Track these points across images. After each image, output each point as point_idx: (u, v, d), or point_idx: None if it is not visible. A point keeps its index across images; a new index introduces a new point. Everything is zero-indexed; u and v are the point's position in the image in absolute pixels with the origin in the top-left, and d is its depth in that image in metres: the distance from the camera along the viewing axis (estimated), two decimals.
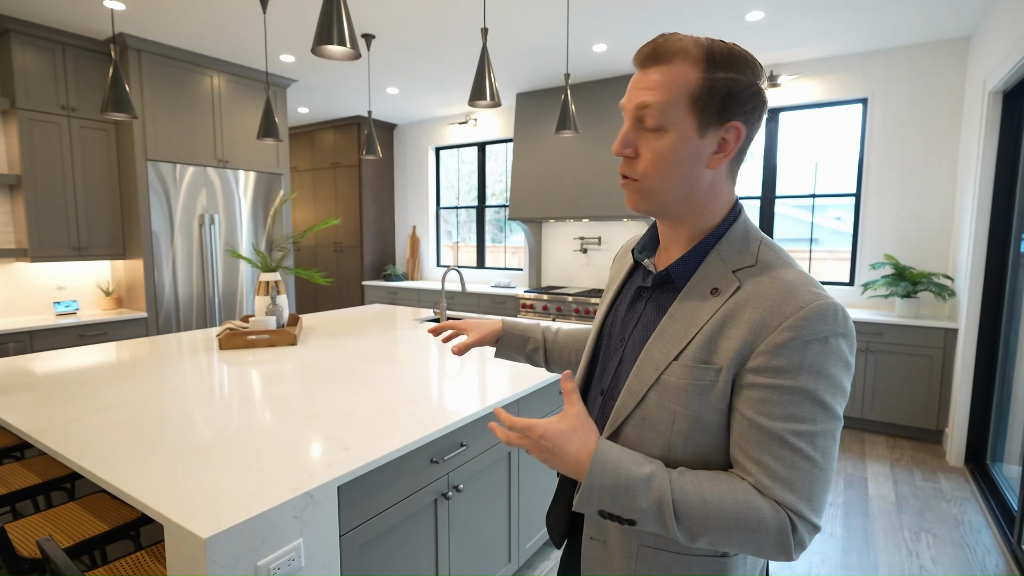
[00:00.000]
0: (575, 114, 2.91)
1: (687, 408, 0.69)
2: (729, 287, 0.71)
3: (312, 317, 3.42)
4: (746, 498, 0.64)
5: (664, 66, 0.69)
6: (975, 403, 3.12)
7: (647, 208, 0.74)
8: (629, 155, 0.72)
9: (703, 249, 0.74)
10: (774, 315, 0.66)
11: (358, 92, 5.12)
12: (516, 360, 1.16)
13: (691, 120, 0.68)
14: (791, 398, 0.64)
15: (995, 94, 2.93)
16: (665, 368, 0.71)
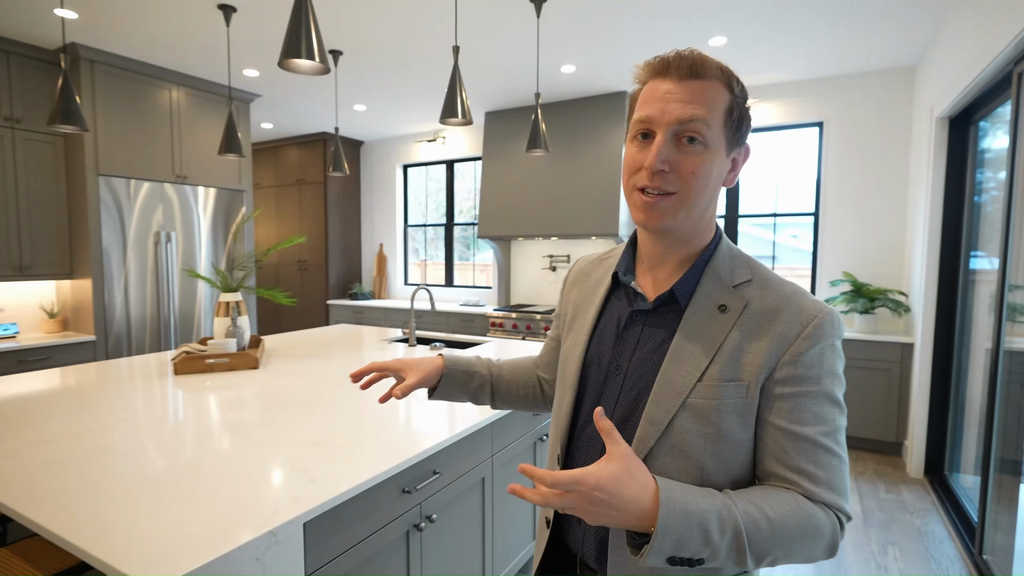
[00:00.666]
0: (545, 133, 2.92)
1: (719, 429, 0.68)
2: (737, 303, 0.71)
3: (275, 339, 3.29)
4: (803, 508, 0.64)
5: (704, 82, 0.68)
6: (932, 415, 3.22)
7: (674, 224, 0.71)
8: (666, 170, 0.68)
9: (699, 268, 0.74)
10: (792, 326, 0.68)
11: (324, 108, 5.04)
12: (457, 399, 1.02)
13: (723, 139, 0.69)
14: (816, 402, 0.66)
15: (942, 120, 3.09)
16: (690, 391, 0.69)
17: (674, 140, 0.68)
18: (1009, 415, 2.24)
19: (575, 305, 0.88)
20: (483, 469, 1.82)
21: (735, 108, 0.69)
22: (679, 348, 0.71)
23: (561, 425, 0.82)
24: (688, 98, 0.67)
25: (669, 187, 0.68)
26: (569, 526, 0.81)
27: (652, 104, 0.69)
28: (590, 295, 0.86)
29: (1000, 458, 2.29)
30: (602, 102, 4.58)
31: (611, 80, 4.22)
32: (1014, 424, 2.23)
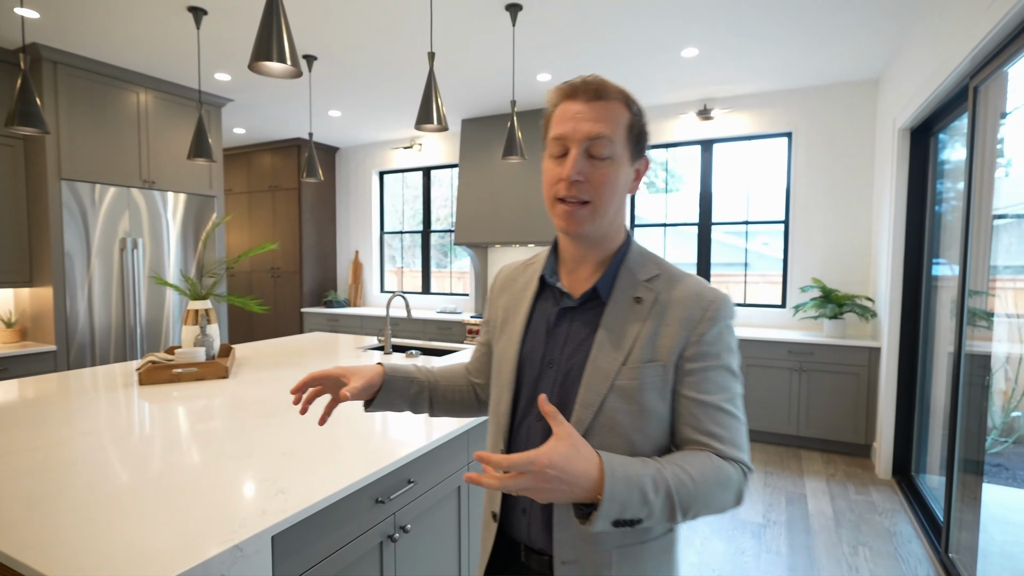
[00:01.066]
0: (522, 141, 2.93)
1: (642, 406, 0.77)
2: (649, 295, 0.81)
3: (246, 347, 3.22)
4: (716, 465, 0.74)
5: (607, 102, 0.78)
6: (899, 418, 3.31)
7: (591, 229, 0.80)
8: (581, 180, 0.77)
9: (615, 266, 0.84)
10: (696, 311, 0.79)
11: (298, 114, 4.98)
12: (396, 408, 1.00)
13: (626, 152, 0.80)
14: (718, 374, 0.78)
15: (903, 131, 3.20)
16: (616, 375, 0.78)
17: (586, 154, 0.77)
18: (971, 417, 2.32)
19: (504, 309, 0.95)
20: (459, 478, 1.80)
21: (635, 125, 0.79)
22: (604, 338, 0.80)
23: (501, 422, 0.88)
24: (595, 117, 0.76)
25: (584, 196, 0.78)
26: (514, 516, 0.87)
27: (565, 123, 0.78)
28: (519, 298, 0.93)
29: (963, 459, 2.36)
30: None
31: None
32: (975, 425, 2.30)
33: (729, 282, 4.64)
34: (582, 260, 0.86)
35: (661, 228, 4.87)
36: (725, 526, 2.73)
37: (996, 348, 2.26)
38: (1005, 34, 1.89)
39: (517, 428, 0.87)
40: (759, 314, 4.43)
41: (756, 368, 3.95)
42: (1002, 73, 2.09)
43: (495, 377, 0.92)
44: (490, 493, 0.92)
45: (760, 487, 3.19)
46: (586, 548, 0.78)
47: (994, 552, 2.24)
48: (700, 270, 4.71)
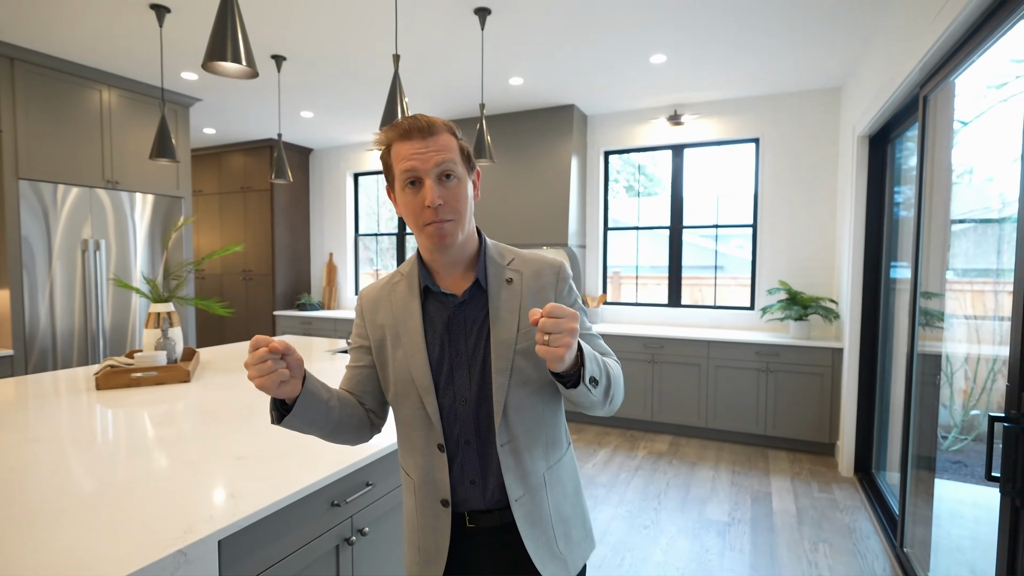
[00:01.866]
0: (491, 144, 2.94)
1: (538, 357, 0.95)
2: (516, 275, 1.00)
3: (213, 351, 3.16)
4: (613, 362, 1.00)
5: (438, 136, 0.91)
6: (860, 417, 3.39)
7: (461, 238, 0.96)
8: (442, 203, 0.91)
9: (483, 261, 1.00)
10: (550, 276, 1.01)
11: (269, 114, 4.92)
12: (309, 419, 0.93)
13: (464, 170, 0.95)
14: (579, 309, 1.02)
15: (862, 138, 3.29)
16: (516, 340, 0.96)
17: (438, 181, 0.91)
18: (923, 415, 2.39)
19: (389, 325, 1.02)
20: None
21: (463, 148, 0.96)
22: (496, 316, 0.97)
23: (433, 420, 0.97)
24: (436, 148, 0.90)
25: (447, 216, 0.91)
26: (463, 491, 0.99)
27: (411, 159, 0.90)
28: (404, 311, 1.01)
29: (917, 455, 2.43)
30: (551, 114, 4.66)
31: (559, 93, 4.30)
32: (928, 423, 2.37)
33: (701, 285, 4.71)
34: (453, 266, 0.99)
35: (633, 231, 4.93)
36: (691, 525, 2.77)
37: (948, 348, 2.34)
38: (951, 44, 1.97)
39: (450, 419, 0.98)
40: (729, 316, 4.50)
41: (725, 369, 4.01)
42: (949, 83, 2.17)
43: (405, 388, 0.99)
44: (432, 486, 1.00)
45: (727, 486, 3.25)
46: (527, 481, 0.98)
47: (948, 546, 2.31)
48: (671, 273, 4.77)
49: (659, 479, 3.36)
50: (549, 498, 1.01)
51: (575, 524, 1.06)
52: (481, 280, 0.98)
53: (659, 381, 4.22)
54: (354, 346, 1.07)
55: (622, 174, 4.98)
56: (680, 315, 4.68)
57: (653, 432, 4.30)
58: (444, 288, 0.99)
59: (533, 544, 0.98)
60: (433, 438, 0.98)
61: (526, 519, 0.98)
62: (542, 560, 0.99)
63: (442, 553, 0.99)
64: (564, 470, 1.05)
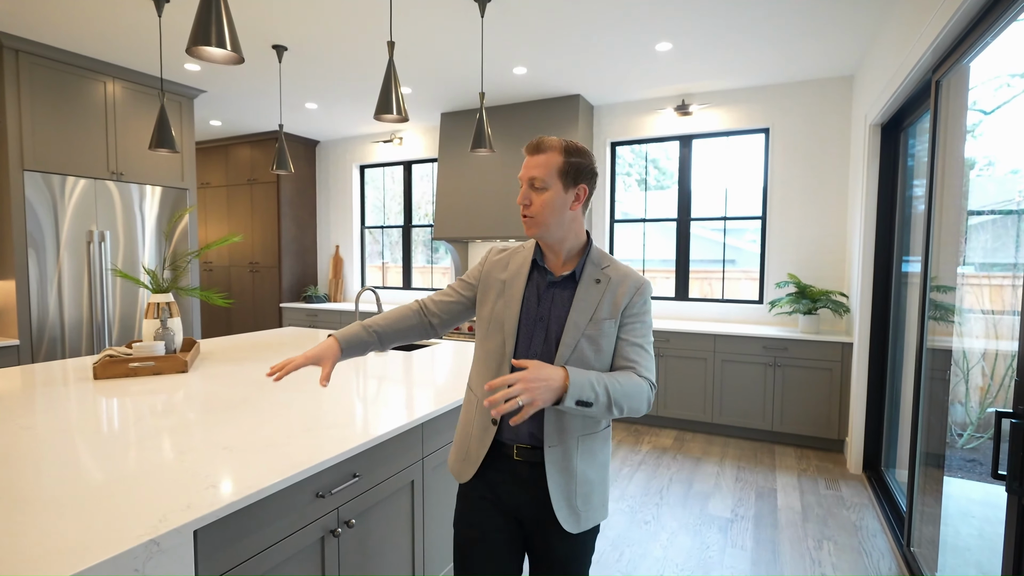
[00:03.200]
0: (491, 134, 2.90)
1: (600, 345, 1.20)
2: (605, 278, 1.24)
3: (214, 342, 3.17)
4: (634, 378, 1.17)
5: (545, 153, 1.19)
6: (870, 413, 3.32)
7: (538, 233, 1.22)
8: (527, 204, 1.20)
9: (583, 259, 1.26)
10: (631, 288, 1.23)
11: (273, 106, 4.91)
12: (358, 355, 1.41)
13: (559, 183, 1.19)
14: (642, 326, 1.23)
15: (874, 127, 3.20)
16: (586, 325, 1.20)
17: (530, 186, 1.20)
18: (932, 411, 2.32)
19: (501, 280, 1.30)
20: (413, 472, 1.78)
21: (567, 165, 1.18)
22: (578, 302, 1.21)
23: (506, 356, 1.24)
24: (532, 164, 1.19)
25: (529, 213, 1.21)
26: (505, 425, 1.24)
27: (523, 167, 1.22)
28: (515, 273, 1.29)
29: (925, 452, 2.37)
30: (556, 104, 4.60)
31: (564, 83, 4.24)
32: (937, 420, 2.30)
33: (710, 278, 4.64)
34: (554, 254, 1.27)
35: (640, 224, 4.86)
36: (693, 521, 2.73)
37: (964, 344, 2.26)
38: (964, 24, 1.89)
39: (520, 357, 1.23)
40: (737, 310, 4.43)
41: (732, 363, 3.95)
42: (963, 67, 2.08)
43: (495, 328, 1.27)
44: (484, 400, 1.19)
45: (731, 482, 3.20)
46: (562, 436, 1.20)
47: (958, 545, 2.25)
48: (679, 266, 4.70)
49: (662, 474, 3.31)
50: (578, 459, 1.22)
51: (596, 490, 1.25)
52: (577, 273, 1.24)
53: (665, 375, 4.17)
54: (463, 280, 1.39)
55: (634, 167, 4.91)
56: (687, 309, 4.61)
57: (658, 427, 4.25)
58: (549, 267, 1.27)
59: (555, 489, 1.20)
60: (505, 368, 1.24)
61: (555, 466, 1.20)
62: (559, 506, 1.20)
63: (479, 457, 1.27)
64: (597, 442, 1.26)
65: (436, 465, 1.91)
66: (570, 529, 1.21)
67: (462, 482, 1.32)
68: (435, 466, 1.90)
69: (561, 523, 1.20)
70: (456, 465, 1.33)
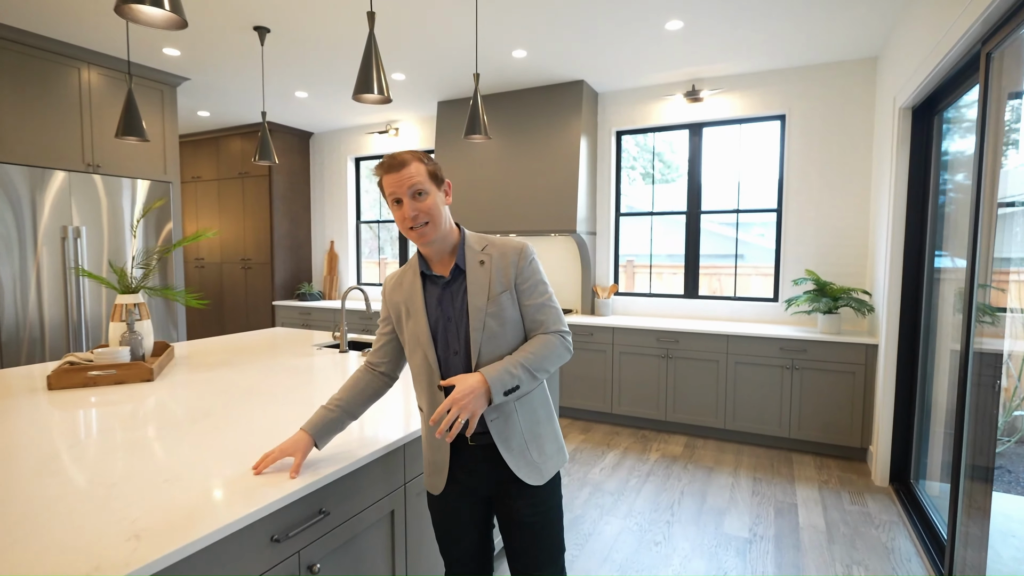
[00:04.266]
0: (487, 121, 2.66)
1: (504, 318, 1.27)
2: (487, 258, 1.30)
3: (193, 345, 2.96)
4: (544, 338, 1.28)
5: (408, 166, 1.23)
6: (897, 420, 3.08)
7: (435, 237, 1.27)
8: (417, 214, 1.23)
9: (462, 250, 1.30)
10: (513, 258, 1.30)
11: (270, 99, 4.68)
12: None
13: (433, 186, 1.25)
14: (536, 286, 1.31)
15: (905, 110, 2.94)
16: (486, 305, 1.26)
17: (412, 197, 1.23)
18: (979, 420, 2.08)
19: (403, 303, 1.35)
20: (393, 501, 1.56)
21: (431, 170, 1.26)
22: (471, 287, 1.27)
23: (433, 368, 1.30)
24: (408, 175, 1.22)
25: (423, 220, 1.24)
26: None
27: (393, 186, 1.23)
28: (410, 292, 1.34)
29: (971, 465, 2.13)
30: (558, 91, 4.35)
31: (567, 68, 3.99)
32: (985, 430, 2.06)
33: (720, 274, 4.40)
34: (439, 255, 1.31)
35: (648, 217, 4.62)
36: (707, 542, 2.50)
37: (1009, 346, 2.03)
38: None
39: (445, 367, 1.30)
40: (750, 308, 4.18)
41: (746, 366, 3.71)
42: (1020, 37, 1.83)
43: (414, 345, 1.32)
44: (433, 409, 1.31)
45: (748, 495, 2.96)
46: (500, 408, 1.27)
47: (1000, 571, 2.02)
48: (688, 261, 4.46)
49: (672, 486, 3.09)
50: (521, 420, 1.30)
51: (548, 440, 1.35)
52: (460, 264, 1.30)
53: (674, 378, 3.93)
54: (381, 320, 1.44)
55: (639, 161, 4.66)
56: (697, 307, 4.37)
57: (667, 432, 4.02)
58: (436, 272, 1.32)
59: (508, 453, 1.28)
60: (434, 379, 1.30)
61: (500, 435, 1.28)
62: (517, 465, 1.29)
63: (445, 464, 1.32)
64: (534, 400, 1.34)
65: (421, 491, 1.68)
66: (535, 482, 1.29)
67: (437, 494, 1.36)
68: (420, 491, 1.68)
69: (525, 480, 1.29)
70: (430, 479, 1.37)
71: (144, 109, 3.97)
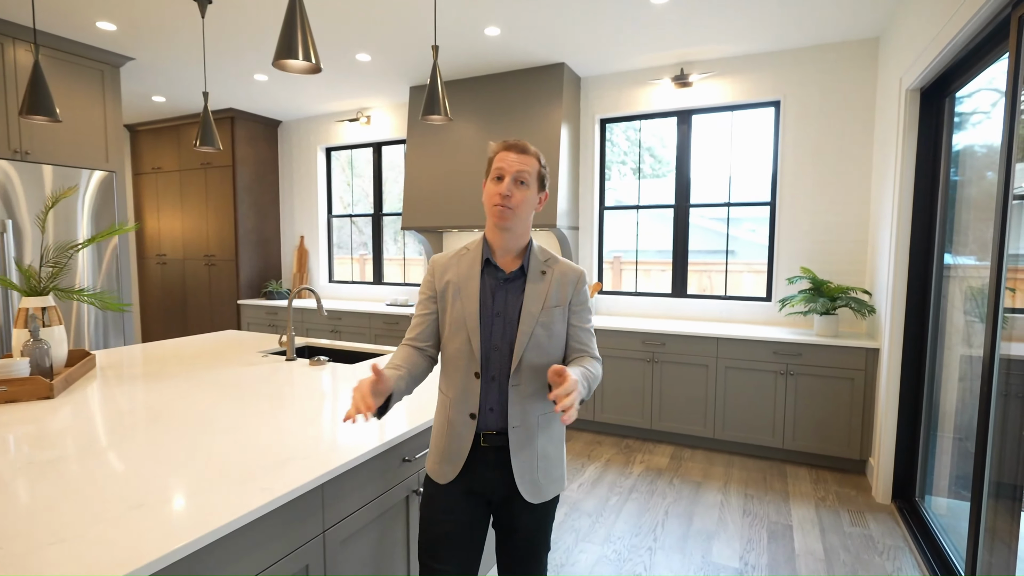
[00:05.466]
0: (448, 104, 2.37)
1: (552, 331, 1.32)
2: (549, 271, 1.35)
3: (124, 352, 2.65)
4: (595, 363, 1.33)
5: (528, 156, 1.30)
6: (901, 430, 2.82)
7: (508, 224, 1.29)
8: (510, 195, 1.26)
9: (527, 255, 1.35)
10: (573, 280, 1.36)
11: (222, 78, 4.34)
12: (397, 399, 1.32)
13: (535, 186, 1.31)
14: (586, 312, 1.38)
15: (912, 92, 2.68)
16: (539, 314, 1.30)
17: (514, 181, 1.28)
18: (1007, 433, 1.82)
19: (456, 282, 1.34)
20: (307, 553, 1.26)
21: (541, 174, 1.33)
22: (530, 294, 1.31)
23: (475, 355, 1.30)
24: (520, 162, 1.28)
25: (511, 204, 1.27)
26: (484, 415, 1.31)
27: (503, 162, 1.29)
28: (467, 274, 1.34)
29: (995, 483, 1.87)
30: (537, 76, 4.05)
31: (546, 49, 3.69)
32: (1013, 444, 1.81)
33: (710, 271, 4.13)
34: (506, 251, 1.34)
35: (633, 211, 4.34)
36: (693, 573, 2.23)
37: None
38: None
39: (486, 359, 1.30)
40: (742, 308, 3.92)
41: (737, 370, 3.45)
42: None
43: (458, 328, 1.31)
44: (465, 403, 1.30)
45: (738, 516, 2.70)
46: (524, 417, 1.30)
47: None
48: (676, 258, 4.19)
49: (656, 504, 2.82)
50: (539, 435, 1.31)
51: (555, 464, 1.35)
52: (525, 266, 1.33)
53: (660, 384, 3.66)
54: (422, 298, 1.38)
55: (630, 156, 4.37)
56: (686, 306, 4.10)
57: (652, 442, 3.75)
58: (499, 264, 1.33)
59: (518, 465, 1.29)
60: (472, 367, 1.30)
61: (517, 444, 1.29)
62: (523, 480, 1.29)
63: (463, 455, 1.30)
64: (554, 420, 1.34)
65: (344, 538, 1.39)
66: (532, 500, 1.30)
67: (444, 483, 1.33)
68: (342, 539, 1.39)
69: (524, 496, 1.29)
70: (437, 467, 1.35)
71: (83, 91, 3.62)
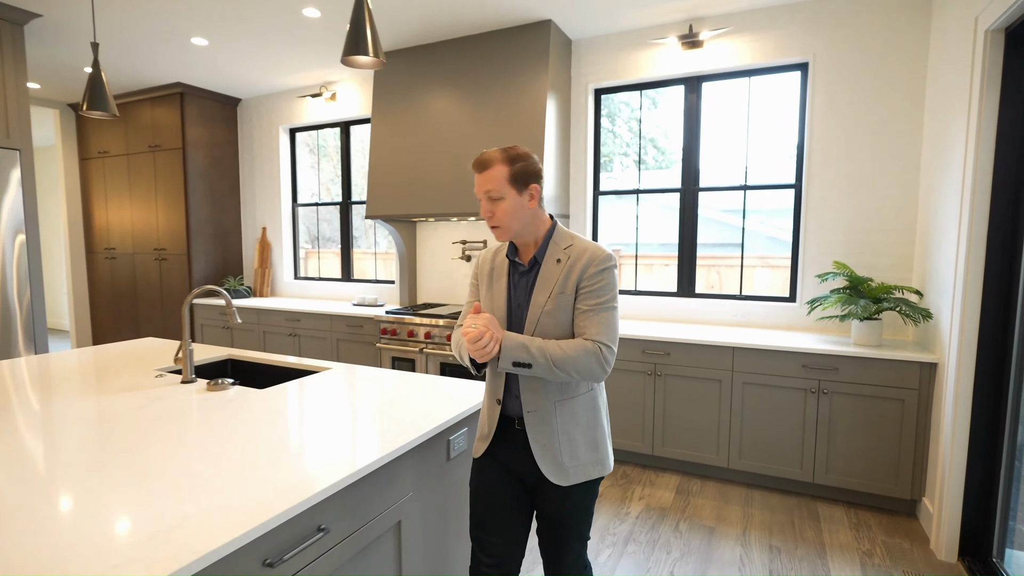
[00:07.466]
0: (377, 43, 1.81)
1: (559, 318, 1.33)
2: (565, 257, 1.36)
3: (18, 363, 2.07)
4: (581, 342, 1.29)
5: (490, 170, 1.32)
6: (972, 467, 2.23)
7: (507, 236, 1.36)
8: (491, 215, 1.34)
9: (545, 244, 1.38)
10: (585, 263, 1.33)
11: (150, 43, 3.75)
12: None
13: (512, 190, 1.32)
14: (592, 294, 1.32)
15: (995, 33, 2.06)
16: (546, 302, 1.34)
17: (487, 200, 1.34)
18: None
19: (490, 275, 1.45)
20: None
21: (514, 172, 1.32)
22: (540, 282, 1.36)
23: None
24: (487, 179, 1.32)
25: (494, 223, 1.35)
26: (509, 401, 1.40)
27: (476, 184, 1.35)
28: (500, 269, 1.44)
29: None
30: (519, 36, 3.45)
31: (530, 1, 3.09)
32: None
33: (720, 266, 3.53)
34: (524, 246, 1.42)
35: (633, 196, 3.73)
36: None
37: None
38: None
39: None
40: (760, 311, 3.32)
41: (756, 387, 2.85)
42: None
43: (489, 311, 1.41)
44: (494, 384, 1.41)
45: None
46: (539, 402, 1.34)
47: None
48: (683, 251, 3.58)
49: (659, 561, 2.23)
50: (558, 420, 1.35)
51: (583, 447, 1.37)
52: (539, 257, 1.38)
53: (663, 401, 3.07)
54: (471, 287, 1.53)
55: (631, 147, 3.75)
56: (694, 308, 3.50)
57: (654, 471, 3.16)
58: (520, 259, 1.42)
59: (538, 448, 1.35)
60: None
61: (534, 428, 1.35)
62: (544, 462, 1.35)
63: (491, 434, 1.42)
64: (578, 405, 1.37)
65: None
66: (558, 482, 1.33)
67: (476, 457, 1.45)
68: None
69: (549, 478, 1.33)
70: (477, 443, 1.46)
71: None
